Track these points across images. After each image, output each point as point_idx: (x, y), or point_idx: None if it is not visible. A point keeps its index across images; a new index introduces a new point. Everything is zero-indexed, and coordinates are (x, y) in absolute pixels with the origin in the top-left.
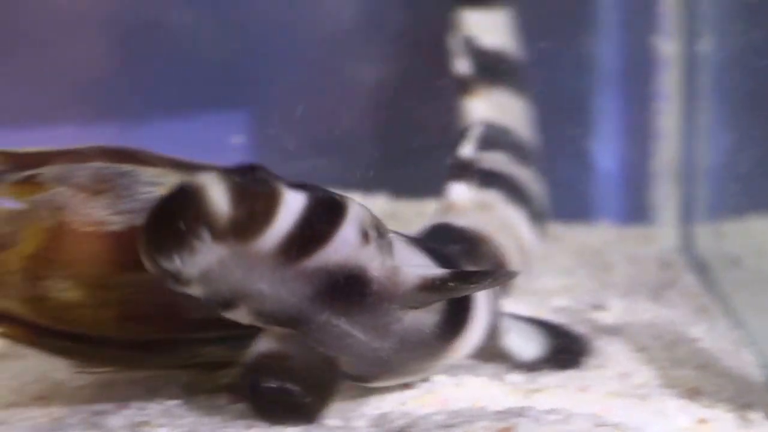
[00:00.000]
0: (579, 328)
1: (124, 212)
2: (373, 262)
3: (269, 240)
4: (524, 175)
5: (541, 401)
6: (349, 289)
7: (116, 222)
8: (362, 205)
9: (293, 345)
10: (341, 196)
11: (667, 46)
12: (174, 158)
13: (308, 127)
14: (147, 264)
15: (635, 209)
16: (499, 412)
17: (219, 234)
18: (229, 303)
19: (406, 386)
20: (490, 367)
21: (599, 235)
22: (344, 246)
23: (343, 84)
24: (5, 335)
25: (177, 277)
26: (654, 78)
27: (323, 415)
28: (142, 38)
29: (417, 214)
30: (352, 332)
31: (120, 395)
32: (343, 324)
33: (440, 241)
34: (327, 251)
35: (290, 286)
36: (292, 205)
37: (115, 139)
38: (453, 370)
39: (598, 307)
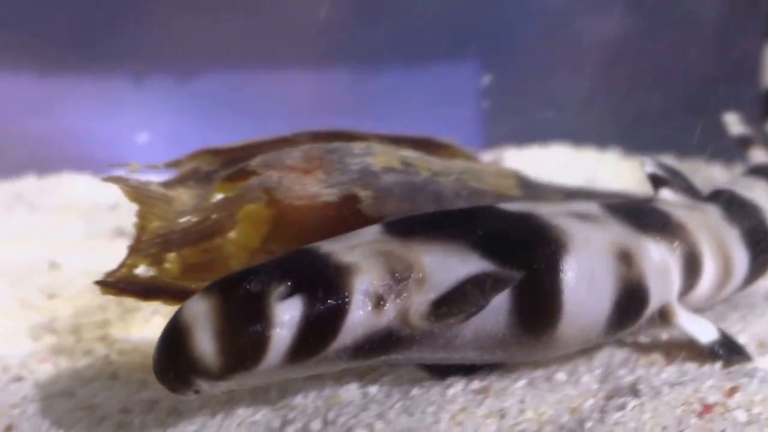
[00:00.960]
0: None
1: (336, 184)
2: (391, 317)
3: (270, 361)
4: None
5: None
6: (376, 347)
7: (329, 194)
8: (378, 258)
9: None
10: (346, 270)
11: None
12: (380, 134)
13: (545, 81)
14: None
15: None
16: (727, 372)
17: (216, 377)
18: None
19: (636, 344)
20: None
21: None
22: (356, 327)
23: (581, 37)
24: None
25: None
26: None
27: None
28: None
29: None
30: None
31: None
32: (399, 358)
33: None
34: (339, 340)
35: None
36: (286, 320)
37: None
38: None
39: None
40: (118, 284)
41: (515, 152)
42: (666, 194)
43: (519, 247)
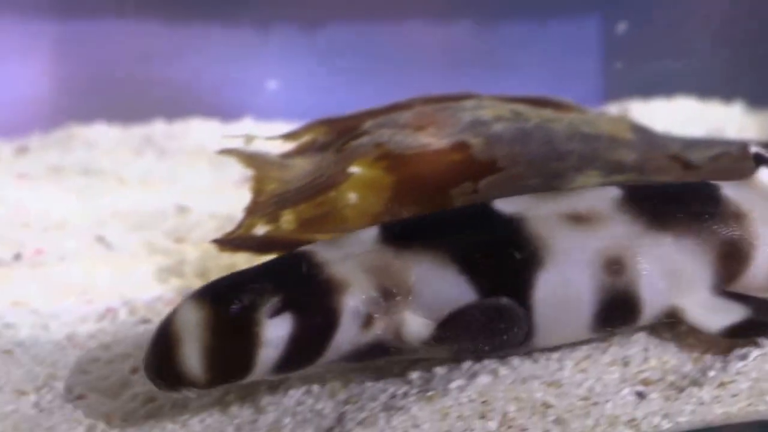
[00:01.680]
0: None
1: (446, 136)
2: (380, 332)
3: (255, 375)
4: None
5: None
6: (364, 355)
7: (439, 143)
8: (371, 272)
9: None
10: (338, 286)
11: None
12: (493, 95)
13: (671, 32)
14: None
15: None
16: None
17: (202, 388)
18: None
19: None
20: None
21: None
22: (342, 344)
23: None
24: None
25: None
26: None
27: None
28: None
29: None
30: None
31: None
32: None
33: None
34: (325, 356)
35: None
36: (274, 339)
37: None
38: None
39: None
40: (233, 242)
41: (640, 105)
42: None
43: (496, 263)
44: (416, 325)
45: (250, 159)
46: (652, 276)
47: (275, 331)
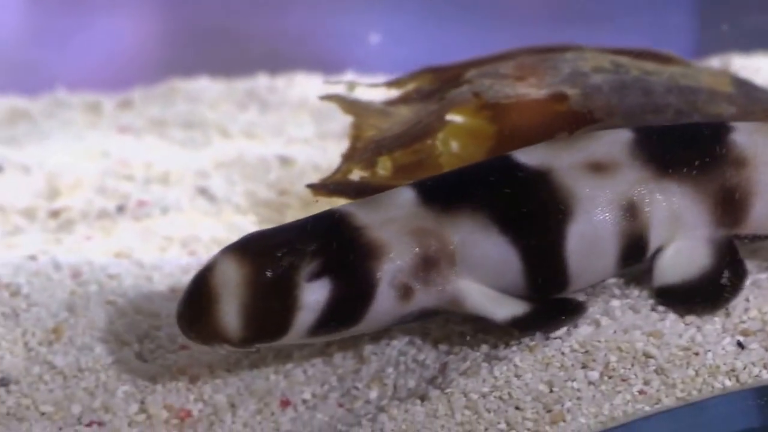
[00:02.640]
0: None
1: (545, 87)
2: (420, 302)
3: (290, 337)
4: None
5: None
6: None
7: (537, 94)
8: (411, 239)
9: None
10: (378, 252)
11: None
12: (595, 47)
13: None
14: None
15: None
16: None
17: (236, 346)
18: None
19: None
20: None
21: None
22: (379, 314)
23: None
24: None
25: None
26: None
27: None
28: None
29: None
30: None
31: None
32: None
33: None
34: (362, 324)
35: None
36: (312, 302)
37: None
38: None
39: None
40: (328, 187)
41: (740, 60)
42: None
43: (533, 221)
44: (482, 300)
45: (351, 105)
46: (658, 220)
47: (313, 295)
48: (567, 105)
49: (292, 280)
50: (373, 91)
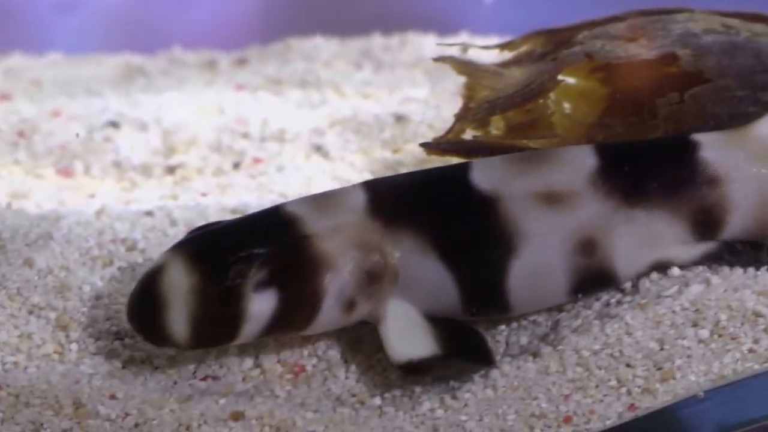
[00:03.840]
0: None
1: (656, 48)
2: (360, 313)
3: (235, 342)
4: None
5: None
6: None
7: (648, 54)
8: (357, 252)
9: None
10: (324, 265)
11: None
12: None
13: None
14: None
15: None
16: None
17: (182, 349)
18: None
19: None
20: None
21: None
22: (323, 324)
23: None
24: None
25: None
26: None
27: None
28: None
29: None
30: None
31: None
32: None
33: None
34: (305, 331)
35: None
36: (257, 313)
37: None
38: None
39: None
40: (441, 146)
41: None
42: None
43: (473, 251)
44: (395, 331)
45: (464, 66)
46: (626, 250)
47: (260, 307)
48: (678, 66)
49: (240, 291)
50: (486, 52)
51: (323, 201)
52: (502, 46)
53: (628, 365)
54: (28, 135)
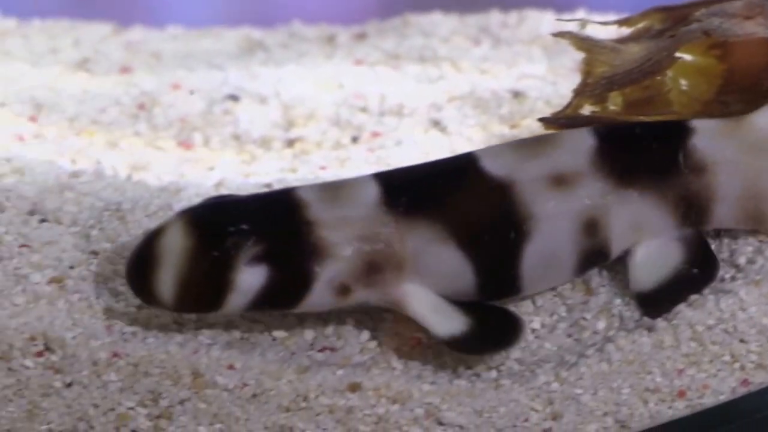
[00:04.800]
0: None
1: None
2: (358, 298)
3: (222, 312)
4: None
5: None
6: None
7: (765, 33)
8: (362, 246)
9: None
10: (322, 253)
11: None
12: None
13: None
14: None
15: None
16: None
17: (172, 311)
18: None
19: None
20: None
21: None
22: (313, 305)
23: None
24: None
25: None
26: None
27: None
28: None
29: None
30: None
31: None
32: None
33: None
34: (294, 309)
35: None
36: (246, 286)
37: None
38: None
39: None
40: (559, 121)
41: None
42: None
43: (490, 238)
44: (428, 310)
45: (583, 42)
46: (620, 230)
47: (248, 280)
48: None
49: (231, 262)
50: (604, 28)
51: (334, 190)
52: (620, 23)
53: (741, 341)
54: (148, 107)
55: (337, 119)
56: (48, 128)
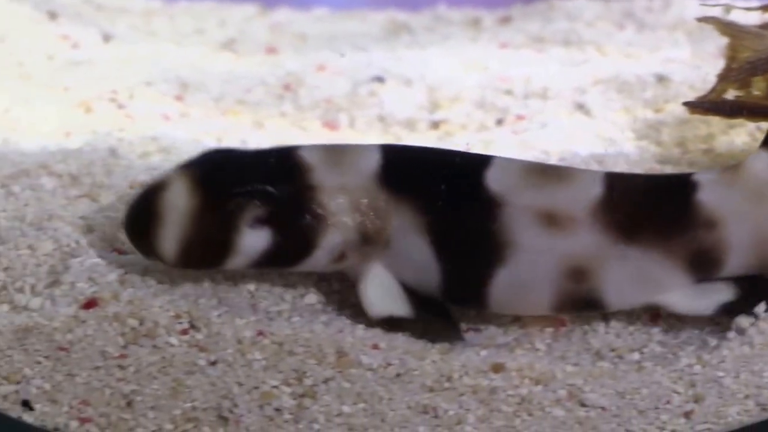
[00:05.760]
0: None
1: None
2: (351, 263)
3: (223, 268)
4: None
5: None
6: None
7: None
8: (358, 216)
9: None
10: (323, 221)
11: None
12: None
13: None
14: None
15: None
16: None
17: (170, 265)
18: None
19: None
20: None
21: None
22: (312, 266)
23: None
24: None
25: None
26: None
27: None
28: None
29: None
30: None
31: None
32: None
33: None
34: (293, 269)
35: None
36: (247, 246)
37: None
38: None
39: None
40: (704, 105)
41: None
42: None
43: (464, 246)
44: (374, 290)
45: (728, 27)
46: (616, 283)
47: (250, 242)
48: None
49: (235, 224)
50: (749, 14)
51: (338, 154)
52: (764, 8)
53: None
54: (293, 88)
55: (481, 102)
56: (193, 108)
